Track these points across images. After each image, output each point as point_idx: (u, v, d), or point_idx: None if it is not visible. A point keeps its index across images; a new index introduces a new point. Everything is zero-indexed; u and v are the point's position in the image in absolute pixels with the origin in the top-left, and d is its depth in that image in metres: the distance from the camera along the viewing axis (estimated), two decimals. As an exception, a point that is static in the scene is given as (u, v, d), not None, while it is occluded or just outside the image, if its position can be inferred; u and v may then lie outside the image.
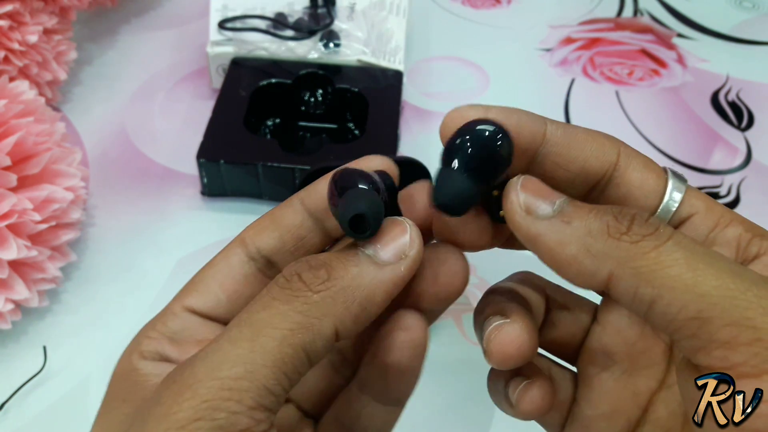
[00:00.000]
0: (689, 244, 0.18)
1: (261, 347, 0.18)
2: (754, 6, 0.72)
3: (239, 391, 0.17)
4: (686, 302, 0.17)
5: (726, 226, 0.21)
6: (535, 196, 0.20)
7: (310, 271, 0.19)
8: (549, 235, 0.19)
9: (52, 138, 0.43)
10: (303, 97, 0.54)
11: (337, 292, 0.19)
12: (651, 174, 0.22)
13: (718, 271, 0.17)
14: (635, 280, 0.18)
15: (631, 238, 0.18)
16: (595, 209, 0.19)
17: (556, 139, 0.21)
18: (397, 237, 0.20)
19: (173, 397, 0.18)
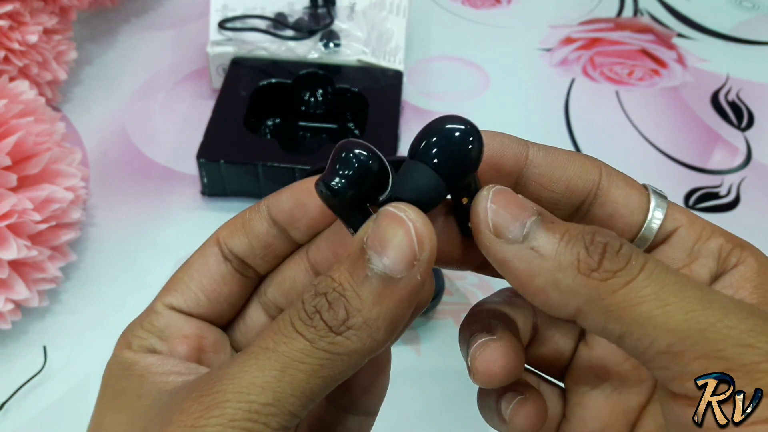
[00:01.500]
0: (661, 274, 0.18)
1: (291, 378, 0.18)
2: (754, 6, 0.72)
3: (266, 415, 0.18)
4: (656, 337, 0.17)
5: (708, 239, 0.21)
6: (505, 215, 0.19)
7: (329, 311, 0.18)
8: (516, 264, 0.19)
9: (52, 138, 0.43)
10: (303, 97, 0.54)
11: (360, 329, 0.18)
12: (633, 191, 0.22)
13: (689, 303, 0.17)
14: (604, 317, 0.18)
15: (601, 276, 0.18)
16: (567, 234, 0.18)
17: (539, 161, 0.21)
18: (402, 242, 0.18)
19: (200, 410, 0.18)
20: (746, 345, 0.17)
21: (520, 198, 0.19)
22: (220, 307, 0.23)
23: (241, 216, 0.23)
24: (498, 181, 0.21)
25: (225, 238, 0.23)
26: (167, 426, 0.18)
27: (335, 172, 0.19)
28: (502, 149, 0.21)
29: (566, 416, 0.25)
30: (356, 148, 0.19)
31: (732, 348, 0.17)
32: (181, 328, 0.22)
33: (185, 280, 0.23)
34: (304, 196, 0.22)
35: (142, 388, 0.21)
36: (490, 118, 0.57)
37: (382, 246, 0.18)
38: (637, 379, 0.23)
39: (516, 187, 0.22)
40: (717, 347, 0.17)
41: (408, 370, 0.41)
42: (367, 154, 0.19)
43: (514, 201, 0.19)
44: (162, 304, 0.23)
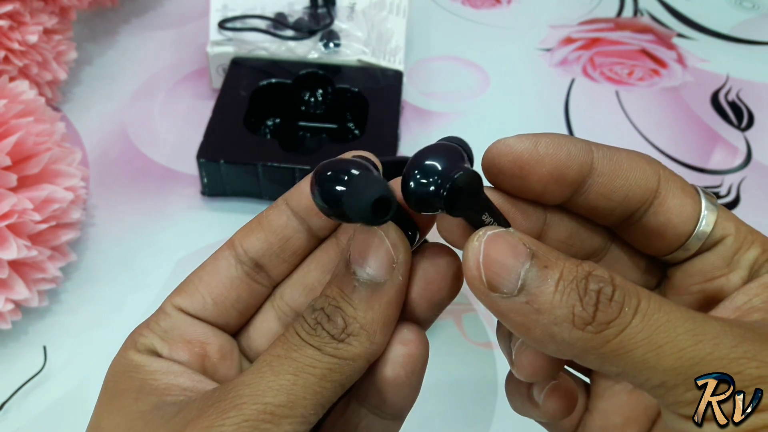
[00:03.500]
0: (654, 315, 0.18)
1: (304, 381, 0.20)
2: (754, 6, 0.72)
3: (280, 416, 0.19)
4: (650, 376, 0.18)
5: (748, 249, 0.21)
6: (499, 268, 0.18)
7: (329, 322, 0.20)
8: (513, 317, 0.18)
9: (52, 138, 0.43)
10: (303, 97, 0.54)
11: (359, 334, 0.20)
12: (687, 199, 0.21)
13: (681, 341, 0.17)
14: (600, 362, 0.18)
15: (596, 328, 0.18)
16: (561, 281, 0.18)
17: (603, 169, 0.21)
18: (378, 249, 0.20)
19: (218, 413, 0.19)
20: (735, 372, 0.17)
21: (513, 240, 0.19)
22: (227, 313, 0.23)
23: (257, 217, 0.24)
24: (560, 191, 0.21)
25: (240, 239, 0.23)
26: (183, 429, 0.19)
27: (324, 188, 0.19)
28: (569, 160, 0.21)
29: (589, 409, 0.25)
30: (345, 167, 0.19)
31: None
32: (185, 331, 0.23)
33: (195, 282, 0.23)
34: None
35: (141, 392, 0.21)
36: (490, 118, 0.57)
37: (363, 258, 0.20)
38: None
39: (575, 196, 0.21)
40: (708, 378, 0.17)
41: (408, 370, 0.41)
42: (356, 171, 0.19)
43: (507, 248, 0.19)
44: (170, 305, 0.23)
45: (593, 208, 0.22)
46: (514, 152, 0.20)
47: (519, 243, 0.19)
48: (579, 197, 0.21)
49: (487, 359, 0.42)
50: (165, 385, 0.21)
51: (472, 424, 0.40)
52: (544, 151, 0.20)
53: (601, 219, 0.22)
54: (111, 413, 0.21)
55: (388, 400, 0.22)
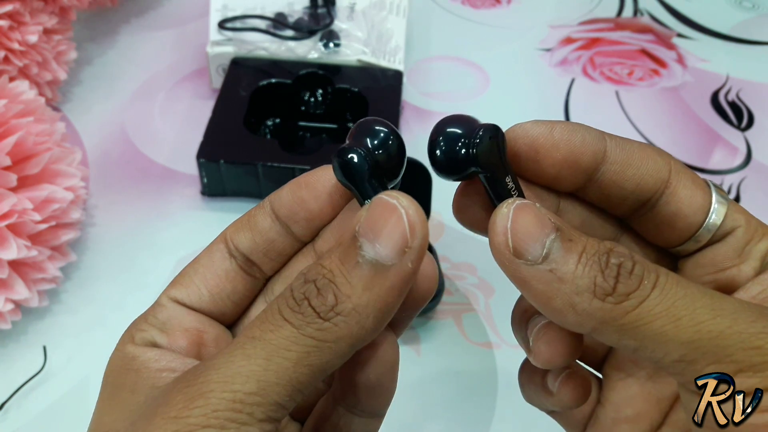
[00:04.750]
0: (672, 289, 0.18)
1: (276, 366, 0.18)
2: (754, 6, 0.72)
3: (251, 405, 0.18)
4: (669, 350, 0.18)
5: (759, 240, 0.22)
6: (525, 235, 0.19)
7: (318, 297, 0.18)
8: (535, 285, 0.19)
9: (52, 138, 0.43)
10: (303, 97, 0.54)
11: (348, 315, 0.18)
12: (698, 191, 0.22)
13: (700, 315, 0.18)
14: (618, 335, 0.18)
15: (616, 299, 0.18)
16: (584, 254, 0.19)
17: (615, 158, 0.21)
18: (394, 229, 0.18)
19: (184, 401, 0.18)
20: (755, 347, 0.17)
21: (540, 212, 0.19)
22: (223, 304, 0.23)
23: (248, 213, 0.24)
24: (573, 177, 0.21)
25: (231, 234, 0.23)
26: (152, 418, 0.18)
27: (357, 140, 0.20)
28: (583, 146, 0.21)
29: (601, 402, 0.25)
30: (379, 123, 0.20)
31: (741, 352, 0.17)
32: (182, 321, 0.22)
33: (190, 274, 0.23)
34: (301, 190, 0.22)
35: (137, 383, 0.21)
36: (491, 118, 0.57)
37: (375, 233, 0.19)
38: None
39: (588, 183, 0.22)
40: (727, 353, 0.17)
41: (408, 370, 0.41)
42: (389, 130, 0.20)
43: (534, 218, 0.19)
44: (166, 297, 0.23)
45: (606, 196, 0.22)
46: (530, 136, 0.21)
47: (546, 215, 0.19)
48: (592, 185, 0.22)
49: (487, 359, 0.42)
50: (156, 370, 0.21)
51: (472, 424, 0.40)
52: (559, 136, 0.21)
53: (613, 208, 0.22)
54: (112, 408, 0.21)
55: (363, 401, 0.22)
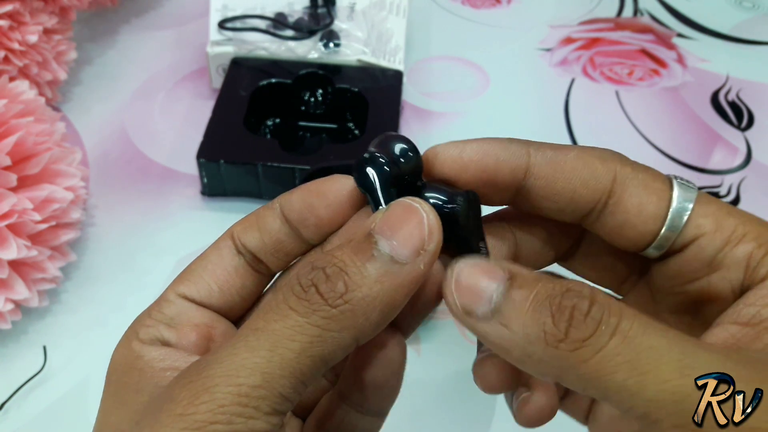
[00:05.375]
0: (637, 338, 0.17)
1: (280, 358, 0.18)
2: (754, 6, 0.72)
3: (257, 398, 0.17)
4: (633, 405, 0.17)
5: (737, 244, 0.20)
6: (471, 294, 0.19)
7: (327, 283, 0.18)
8: (491, 339, 0.19)
9: (52, 138, 0.43)
10: (303, 97, 0.54)
11: (356, 304, 0.18)
12: (651, 197, 0.21)
13: (667, 371, 0.17)
14: (581, 384, 0.18)
15: (569, 346, 0.17)
16: (534, 300, 0.18)
17: (540, 171, 0.21)
18: (415, 229, 0.19)
19: (189, 397, 0.18)
20: None
21: (489, 264, 0.19)
22: (232, 299, 0.23)
23: (256, 213, 0.23)
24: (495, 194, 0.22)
25: (239, 233, 0.23)
26: (158, 415, 0.18)
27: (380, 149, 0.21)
28: (497, 165, 0.21)
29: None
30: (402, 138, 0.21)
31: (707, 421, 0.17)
32: (191, 317, 0.22)
33: (198, 270, 0.23)
34: (312, 197, 0.22)
35: (141, 383, 0.20)
36: (490, 118, 0.57)
37: (392, 230, 0.19)
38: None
39: (516, 198, 0.22)
40: (691, 419, 0.17)
41: (408, 370, 0.41)
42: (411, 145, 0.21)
43: (479, 274, 0.19)
44: (174, 293, 0.23)
45: (539, 209, 0.22)
46: (440, 159, 0.21)
47: (495, 267, 0.19)
48: (522, 199, 0.22)
49: (487, 359, 0.42)
50: (161, 370, 0.21)
51: (472, 424, 0.40)
52: (468, 157, 0.21)
53: (555, 217, 0.22)
54: (117, 408, 0.20)
55: (368, 399, 0.22)
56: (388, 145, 0.21)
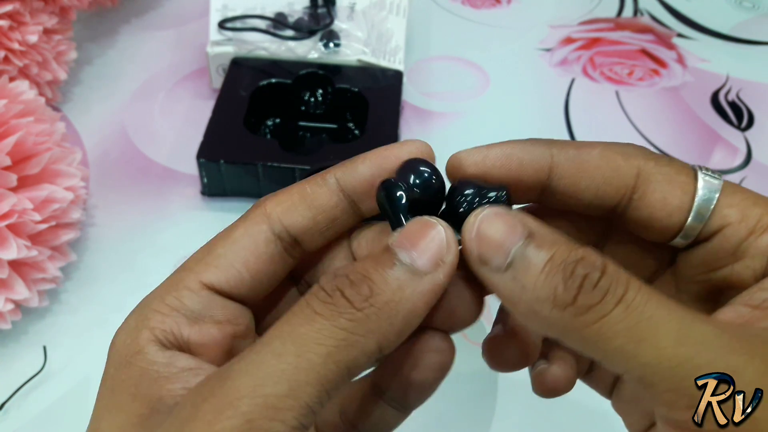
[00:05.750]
0: (639, 308, 0.18)
1: (307, 363, 0.18)
2: (754, 6, 0.72)
3: (284, 410, 0.17)
4: (629, 369, 0.18)
5: (762, 234, 0.20)
6: (490, 244, 0.19)
7: (352, 288, 0.19)
8: (500, 290, 0.19)
9: (52, 138, 0.43)
10: (303, 97, 0.54)
11: (381, 309, 0.18)
12: (675, 191, 0.21)
13: (663, 339, 0.17)
14: (580, 346, 0.18)
15: (576, 311, 0.18)
16: (550, 263, 0.18)
17: (563, 171, 0.21)
18: (432, 242, 0.19)
19: (213, 413, 0.17)
20: None
21: (511, 218, 0.19)
22: (261, 288, 0.22)
23: (299, 191, 0.22)
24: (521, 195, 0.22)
25: (281, 214, 0.22)
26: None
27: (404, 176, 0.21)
28: (521, 168, 0.21)
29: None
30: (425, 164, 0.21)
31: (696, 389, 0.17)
32: (215, 313, 0.21)
33: (228, 255, 0.22)
34: (385, 162, 0.22)
35: (139, 387, 0.20)
36: (490, 118, 0.57)
37: (412, 244, 0.19)
38: None
39: (542, 196, 0.22)
40: (684, 385, 0.17)
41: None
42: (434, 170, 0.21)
43: (502, 227, 0.19)
44: (197, 281, 0.21)
45: (565, 205, 0.22)
46: (464, 166, 0.22)
47: (517, 222, 0.19)
48: (549, 197, 0.22)
49: (487, 359, 0.42)
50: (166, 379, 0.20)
51: (472, 424, 0.40)
52: (492, 162, 0.22)
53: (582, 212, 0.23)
54: (110, 413, 0.20)
55: (409, 398, 0.22)
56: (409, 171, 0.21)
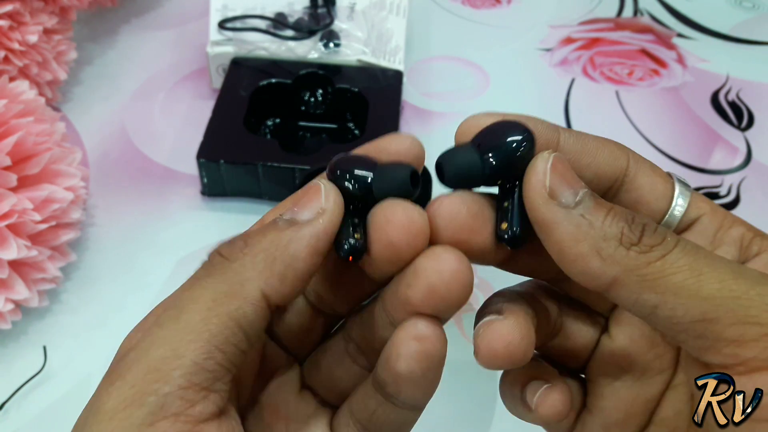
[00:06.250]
0: (693, 249, 0.19)
1: (185, 323, 0.18)
2: (754, 6, 0.72)
3: (166, 371, 0.17)
4: (690, 306, 0.18)
5: (730, 227, 0.22)
6: (561, 180, 0.19)
7: (228, 247, 0.19)
8: (564, 227, 0.19)
9: (52, 138, 0.43)
10: (303, 97, 0.54)
11: (256, 256, 0.19)
12: (659, 179, 0.22)
13: (721, 273, 0.18)
14: (639, 287, 0.18)
15: (641, 249, 0.19)
16: (612, 210, 0.19)
17: (569, 147, 0.22)
18: (312, 197, 0.20)
19: (106, 390, 0.17)
20: None
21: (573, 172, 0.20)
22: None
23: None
24: None
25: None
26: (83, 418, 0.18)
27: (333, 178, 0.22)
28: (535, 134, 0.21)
29: (588, 407, 0.25)
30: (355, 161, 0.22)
31: (766, 314, 0.17)
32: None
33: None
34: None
35: None
36: (490, 118, 0.57)
37: (294, 203, 0.20)
38: (658, 368, 0.23)
39: None
40: (751, 313, 0.17)
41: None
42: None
43: (570, 170, 0.20)
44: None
45: None
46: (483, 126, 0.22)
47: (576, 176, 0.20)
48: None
49: (487, 359, 0.42)
50: None
51: (472, 424, 0.40)
52: None
53: None
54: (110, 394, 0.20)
55: (404, 393, 0.21)
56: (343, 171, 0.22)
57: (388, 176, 0.20)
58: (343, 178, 0.21)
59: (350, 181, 0.21)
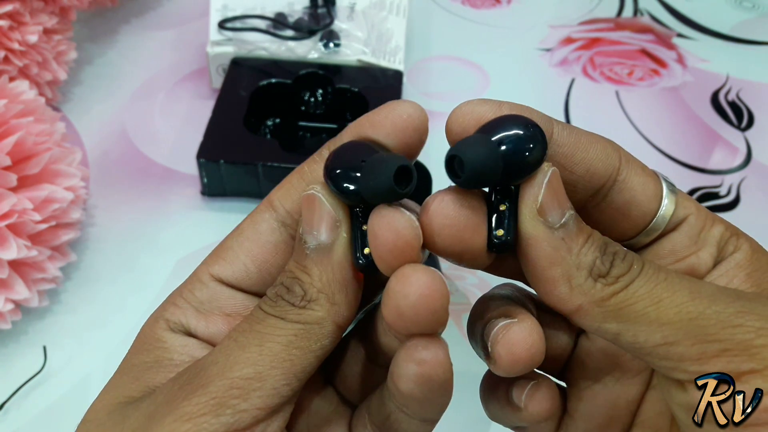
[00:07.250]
0: (654, 275, 0.19)
1: (269, 351, 0.19)
2: (754, 6, 0.72)
3: (248, 390, 0.18)
4: (651, 332, 0.18)
5: (711, 226, 0.22)
6: (552, 199, 0.19)
7: (288, 294, 0.20)
8: (543, 248, 0.19)
9: (52, 138, 0.43)
10: (303, 97, 0.54)
11: (317, 297, 0.20)
12: (649, 179, 0.22)
13: (679, 296, 0.18)
14: (601, 317, 0.19)
15: (607, 281, 0.19)
16: (591, 238, 0.20)
17: (563, 140, 0.21)
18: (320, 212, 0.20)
19: (184, 396, 0.18)
20: (736, 325, 0.18)
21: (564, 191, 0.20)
22: (271, 279, 0.22)
23: (297, 172, 0.23)
24: None
25: (281, 198, 0.22)
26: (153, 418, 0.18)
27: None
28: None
29: (569, 412, 0.24)
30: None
31: (723, 330, 0.18)
32: (224, 304, 0.22)
33: (234, 248, 0.22)
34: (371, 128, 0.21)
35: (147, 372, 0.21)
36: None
37: (309, 224, 0.20)
38: (637, 368, 0.23)
39: None
40: (709, 332, 0.18)
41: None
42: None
43: (562, 188, 0.20)
44: (208, 274, 0.22)
45: None
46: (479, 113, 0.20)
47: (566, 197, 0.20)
48: None
49: (487, 359, 0.42)
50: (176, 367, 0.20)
51: (472, 424, 0.40)
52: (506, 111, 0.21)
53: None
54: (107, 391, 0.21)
55: (411, 409, 0.21)
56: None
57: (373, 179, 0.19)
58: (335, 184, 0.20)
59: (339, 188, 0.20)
